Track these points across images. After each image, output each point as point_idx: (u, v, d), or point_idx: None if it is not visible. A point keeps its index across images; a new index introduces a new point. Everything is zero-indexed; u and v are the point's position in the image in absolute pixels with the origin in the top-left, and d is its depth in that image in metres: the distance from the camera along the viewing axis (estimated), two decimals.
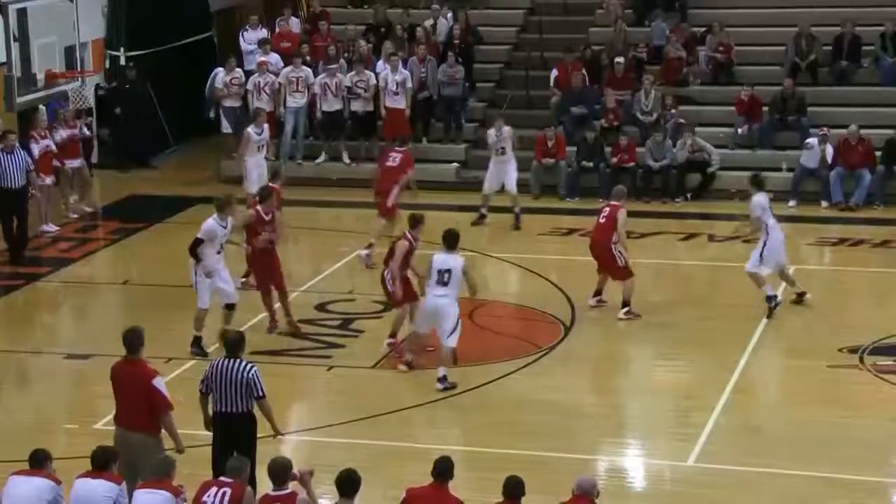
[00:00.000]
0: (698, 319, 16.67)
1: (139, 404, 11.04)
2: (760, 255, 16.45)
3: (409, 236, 15.28)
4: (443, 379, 14.43)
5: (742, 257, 19.15)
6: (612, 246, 16.49)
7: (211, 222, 15.22)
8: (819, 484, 12.40)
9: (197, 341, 15.37)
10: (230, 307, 15.52)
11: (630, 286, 16.57)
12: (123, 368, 11.29)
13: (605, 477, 12.41)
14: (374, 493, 10.81)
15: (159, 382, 11.12)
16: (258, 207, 16.16)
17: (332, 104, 23.10)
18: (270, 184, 17.32)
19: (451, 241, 14.72)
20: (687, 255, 19.56)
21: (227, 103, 23.55)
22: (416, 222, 15.43)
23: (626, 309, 16.50)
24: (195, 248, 15.17)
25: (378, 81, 22.93)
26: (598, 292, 16.83)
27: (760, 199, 16.51)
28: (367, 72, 23.09)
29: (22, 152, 19.13)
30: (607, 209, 16.75)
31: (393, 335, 15.51)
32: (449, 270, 14.43)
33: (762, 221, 16.43)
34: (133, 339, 11.24)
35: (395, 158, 19.05)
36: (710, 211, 21.50)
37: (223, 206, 15.38)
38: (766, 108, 22.72)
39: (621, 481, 12.74)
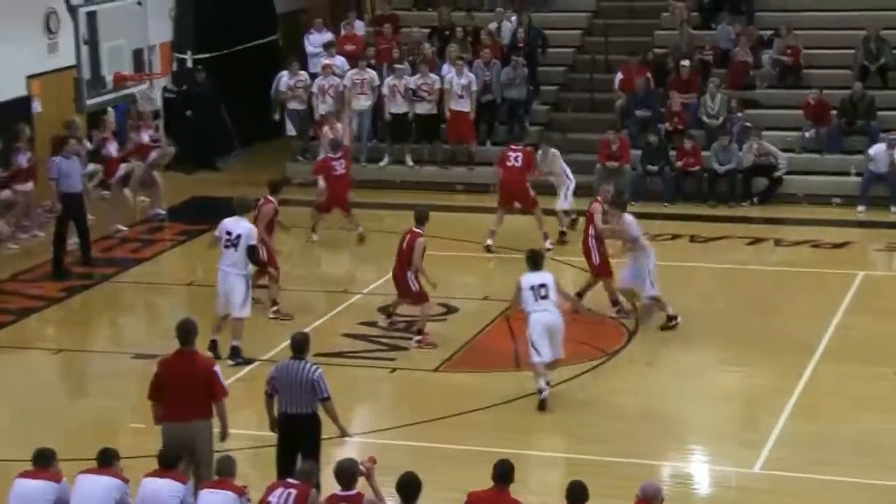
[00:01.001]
0: (764, 325, 16.51)
1: (199, 393, 11.20)
2: (651, 281, 16.11)
3: (420, 231, 15.69)
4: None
5: (810, 263, 19.07)
6: (589, 239, 16.55)
7: (253, 227, 15.41)
8: (887, 493, 12.23)
9: (239, 351, 15.33)
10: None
11: (598, 287, 16.60)
12: (179, 360, 11.37)
13: (669, 483, 12.31)
14: (436, 497, 10.79)
15: (219, 369, 11.36)
16: (272, 199, 16.71)
17: (399, 106, 23.15)
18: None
19: (536, 261, 14.38)
20: (753, 260, 19.39)
21: (292, 106, 23.69)
22: (422, 217, 15.84)
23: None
24: (259, 256, 15.38)
25: (443, 84, 22.97)
26: (614, 302, 16.69)
27: (631, 217, 16.33)
28: (431, 75, 23.12)
29: (79, 157, 19.33)
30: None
31: (420, 331, 15.80)
32: (543, 284, 14.09)
33: (639, 239, 16.21)
34: (188, 331, 11.39)
35: (517, 158, 19.29)
36: (777, 215, 21.34)
37: (250, 208, 15.68)
38: (834, 112, 22.48)
39: (686, 487, 12.64)
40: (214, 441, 11.36)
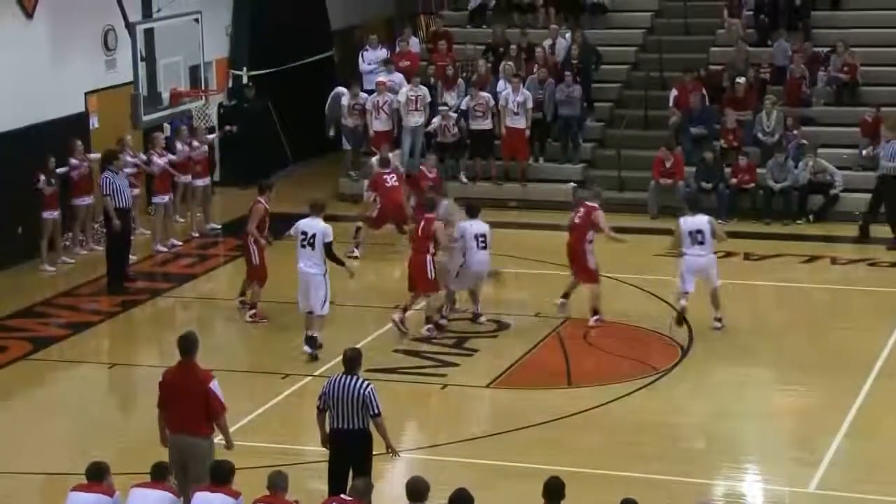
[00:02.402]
0: (820, 343, 16.37)
1: (196, 408, 11.21)
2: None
3: (433, 216, 16.49)
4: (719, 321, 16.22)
5: (867, 281, 18.88)
6: (587, 245, 16.66)
7: (328, 226, 15.83)
8: None
9: (315, 341, 15.84)
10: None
11: (596, 292, 16.72)
12: (179, 373, 11.44)
13: (723, 501, 12.23)
14: None
15: (216, 386, 11.31)
16: (261, 199, 17.21)
17: (447, 138, 23.19)
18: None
19: (694, 203, 16.51)
20: (808, 278, 19.22)
21: (348, 122, 23.79)
22: (431, 205, 16.64)
23: (596, 317, 16.68)
24: (336, 253, 15.90)
25: (497, 101, 22.99)
26: (566, 294, 16.95)
27: (465, 225, 16.63)
28: (482, 94, 23.10)
29: (125, 173, 19.52)
30: (582, 210, 16.81)
31: (428, 320, 16.27)
32: (700, 231, 16.05)
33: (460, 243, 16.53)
34: (189, 344, 11.46)
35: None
36: (833, 233, 21.13)
37: (323, 208, 16.17)
38: None
39: None
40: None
